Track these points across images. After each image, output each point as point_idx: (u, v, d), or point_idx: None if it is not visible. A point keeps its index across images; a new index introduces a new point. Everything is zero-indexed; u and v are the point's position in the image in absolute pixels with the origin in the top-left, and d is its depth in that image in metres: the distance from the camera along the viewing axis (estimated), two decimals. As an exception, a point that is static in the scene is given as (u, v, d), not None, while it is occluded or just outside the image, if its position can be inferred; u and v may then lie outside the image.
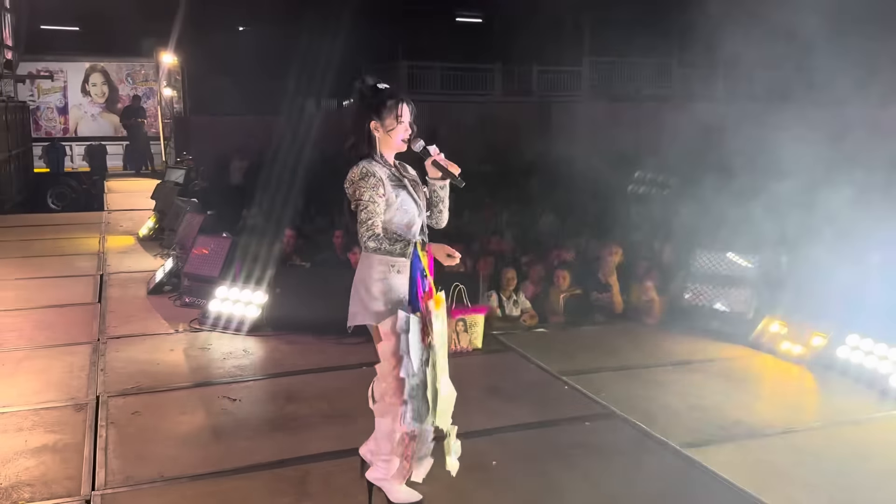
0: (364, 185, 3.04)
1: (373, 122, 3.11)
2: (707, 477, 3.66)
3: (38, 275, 7.74)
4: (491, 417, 4.34)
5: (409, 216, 3.12)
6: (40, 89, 19.06)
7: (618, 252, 7.01)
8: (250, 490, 3.51)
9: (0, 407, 4.37)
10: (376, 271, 3.09)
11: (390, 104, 3.10)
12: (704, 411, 4.77)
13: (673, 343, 6.20)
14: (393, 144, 3.14)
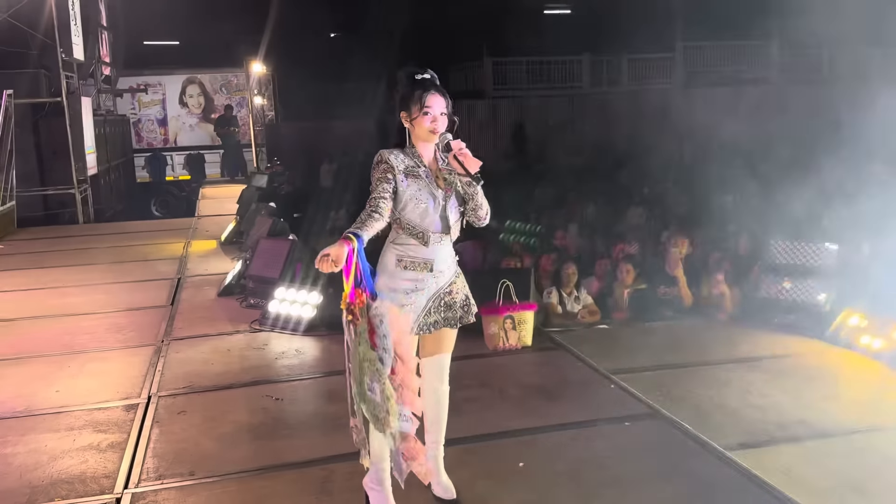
0: (375, 171, 3.09)
1: (403, 113, 3.12)
2: (745, 479, 3.43)
3: (121, 279, 8.10)
4: (527, 417, 4.22)
5: (421, 208, 3.09)
6: (141, 102, 20.09)
7: (683, 244, 6.71)
8: (273, 489, 3.53)
9: (57, 408, 4.57)
10: (387, 260, 3.14)
11: (417, 94, 3.08)
12: (765, 410, 4.50)
13: (742, 338, 5.88)
14: (422, 135, 3.12)
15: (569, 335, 5.86)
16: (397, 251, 3.13)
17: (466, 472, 3.58)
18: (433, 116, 3.08)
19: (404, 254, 3.12)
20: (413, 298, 3.13)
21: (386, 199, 3.03)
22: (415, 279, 3.13)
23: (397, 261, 3.12)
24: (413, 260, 3.13)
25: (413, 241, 3.11)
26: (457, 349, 5.37)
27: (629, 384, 4.69)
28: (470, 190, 3.18)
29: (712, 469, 3.57)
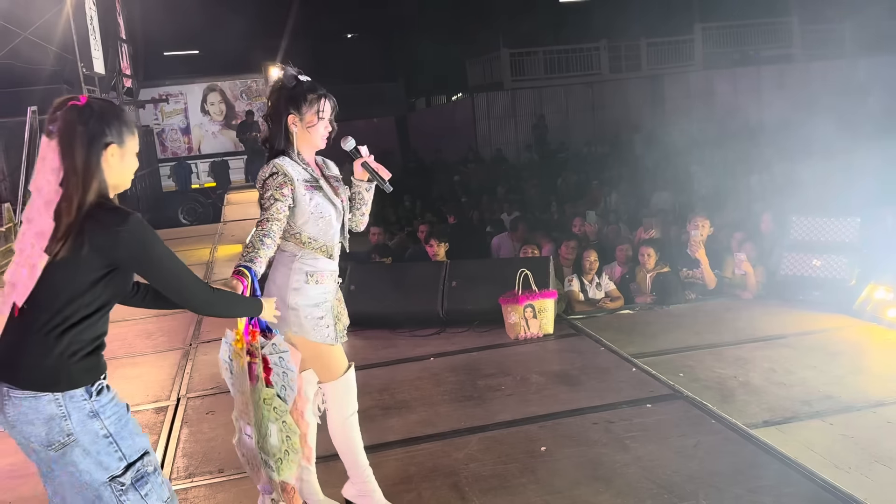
0: (271, 182, 2.82)
1: (291, 116, 2.88)
2: (769, 456, 3.42)
3: (150, 287, 8.24)
4: (548, 403, 4.25)
5: (324, 220, 2.92)
6: (163, 113, 20.35)
7: (704, 225, 6.69)
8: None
9: (91, 411, 4.68)
10: (293, 280, 2.91)
11: (311, 98, 2.88)
12: (789, 387, 4.49)
13: (767, 317, 5.86)
14: (312, 142, 2.93)
15: (591, 322, 5.87)
16: (306, 267, 2.92)
17: (490, 458, 3.62)
18: (326, 123, 2.93)
19: (314, 268, 2.93)
20: (324, 310, 2.97)
21: (280, 221, 2.81)
22: (324, 292, 2.97)
23: (307, 276, 2.92)
24: (322, 273, 2.96)
25: (318, 255, 2.93)
26: (479, 340, 5.48)
27: (652, 367, 4.69)
28: (367, 196, 3.10)
29: (735, 447, 3.57)
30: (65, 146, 2.07)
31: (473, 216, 11.86)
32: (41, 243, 2.06)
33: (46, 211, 2.06)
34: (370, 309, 5.85)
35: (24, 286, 2.07)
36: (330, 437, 3.18)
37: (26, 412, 2.07)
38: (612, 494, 3.21)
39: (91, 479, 2.12)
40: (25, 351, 2.08)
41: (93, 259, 2.06)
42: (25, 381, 2.07)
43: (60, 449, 2.09)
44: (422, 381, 4.76)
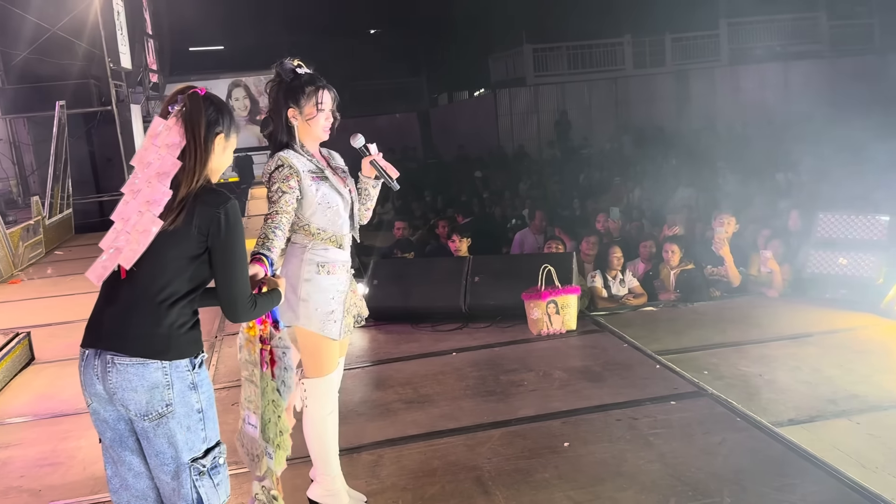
0: (277, 175, 2.85)
1: (291, 110, 2.90)
2: (794, 454, 3.40)
3: (175, 280, 8.32)
4: (571, 399, 4.25)
5: (332, 211, 2.93)
6: (189, 108, 20.49)
7: (730, 222, 6.63)
8: (325, 475, 3.61)
9: (118, 402, 4.74)
10: (304, 271, 2.93)
11: (309, 90, 2.88)
12: (815, 386, 4.45)
13: (793, 315, 5.81)
14: (314, 134, 2.93)
15: (614, 318, 5.85)
16: (317, 258, 2.94)
17: (512, 453, 3.62)
18: (327, 114, 2.92)
19: (325, 259, 2.95)
20: (336, 304, 2.98)
21: (289, 213, 2.82)
22: (336, 283, 2.98)
23: (318, 267, 2.93)
24: (333, 264, 2.96)
25: (329, 245, 2.95)
26: (501, 335, 5.49)
27: (676, 364, 4.67)
28: (374, 192, 3.12)
29: (760, 444, 3.54)
30: (189, 124, 2.24)
31: (496, 212, 11.85)
32: (154, 210, 2.18)
33: (160, 181, 2.20)
34: (393, 303, 5.87)
35: (132, 250, 2.17)
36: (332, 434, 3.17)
37: (131, 379, 2.16)
38: (636, 491, 3.21)
39: (176, 455, 2.22)
40: (137, 320, 2.18)
41: (197, 235, 2.20)
42: (135, 349, 2.16)
43: (157, 419, 2.18)
44: (444, 375, 4.77)
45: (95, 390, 2.22)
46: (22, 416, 4.69)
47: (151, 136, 2.26)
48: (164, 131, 2.25)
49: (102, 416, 2.25)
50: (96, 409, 2.25)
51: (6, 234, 9.11)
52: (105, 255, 2.21)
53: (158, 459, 2.23)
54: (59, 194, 11.75)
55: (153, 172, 2.22)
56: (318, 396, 3.06)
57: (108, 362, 2.18)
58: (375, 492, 3.37)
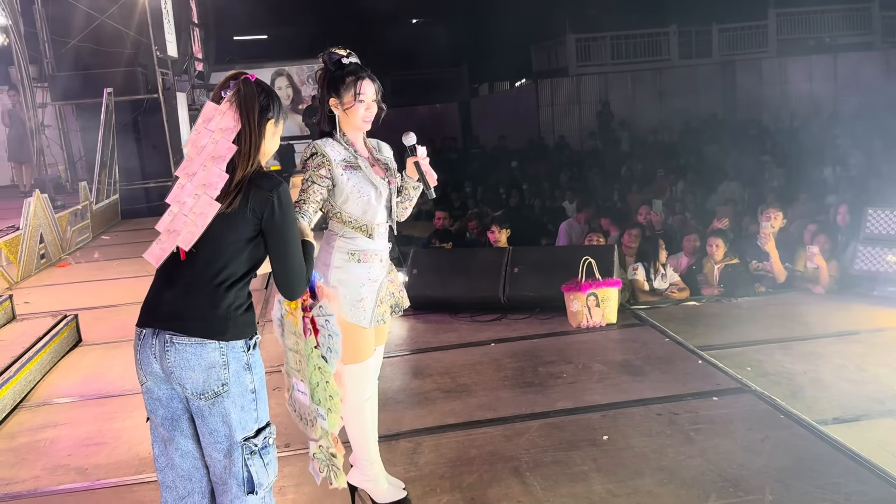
0: (310, 164, 2.90)
1: (332, 99, 2.93)
2: (838, 453, 3.34)
3: (218, 266, 8.44)
4: (611, 392, 4.22)
5: (363, 200, 2.94)
6: (233, 97, 20.70)
7: (776, 216, 6.52)
8: (363, 461, 3.64)
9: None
10: (335, 258, 2.97)
11: (349, 80, 2.90)
12: (861, 384, 4.37)
13: (839, 312, 5.70)
14: (354, 124, 2.95)
15: (655, 312, 5.79)
16: (349, 245, 2.98)
17: (551, 445, 3.61)
18: (367, 105, 2.93)
19: (356, 247, 2.98)
20: (367, 291, 3.00)
21: (316, 202, 2.89)
22: (368, 271, 3.01)
23: (349, 255, 2.97)
24: (365, 252, 2.99)
25: (358, 234, 2.98)
26: (540, 327, 5.47)
27: (718, 360, 4.61)
28: (414, 193, 3.10)
29: (803, 442, 3.49)
30: (244, 109, 2.29)
31: (535, 204, 11.79)
32: (211, 192, 2.24)
33: (215, 164, 2.25)
34: (432, 293, 5.88)
35: (190, 232, 2.23)
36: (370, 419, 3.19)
37: (189, 358, 2.23)
38: (676, 486, 3.18)
39: (229, 434, 2.28)
40: (196, 302, 2.25)
41: (252, 218, 2.27)
42: (194, 329, 2.24)
43: (212, 398, 2.25)
44: (482, 365, 4.77)
45: (152, 369, 2.28)
46: (69, 397, 4.81)
47: (205, 120, 2.31)
48: (218, 116, 2.29)
49: (156, 395, 2.31)
50: (150, 387, 2.31)
51: (55, 219, 9.32)
52: (163, 237, 2.26)
53: (212, 437, 2.28)
54: (105, 180, 11.97)
55: (208, 156, 2.26)
56: (355, 382, 3.09)
57: (167, 342, 2.24)
58: (413, 479, 3.39)
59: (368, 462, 3.18)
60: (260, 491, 2.32)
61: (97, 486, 3.61)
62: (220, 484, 2.32)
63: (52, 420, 4.43)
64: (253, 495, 2.31)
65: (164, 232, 2.26)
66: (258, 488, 2.31)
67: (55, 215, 9.35)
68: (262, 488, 2.33)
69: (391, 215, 3.09)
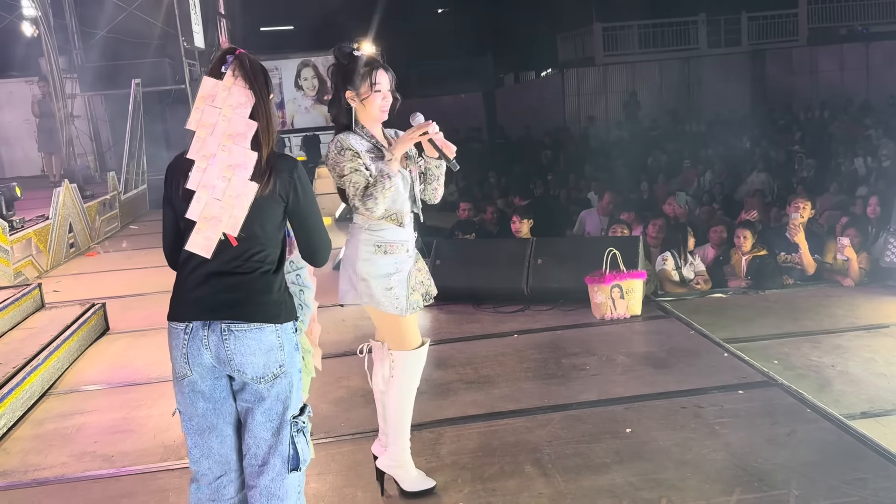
0: (342, 159, 2.88)
1: (348, 92, 2.92)
2: (865, 447, 3.28)
3: (243, 256, 8.50)
4: (634, 384, 4.18)
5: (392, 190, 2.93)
6: (259, 87, 20.79)
7: (805, 207, 6.41)
8: (385, 451, 3.65)
9: (187, 373, 4.88)
10: (362, 251, 2.98)
11: (363, 71, 2.90)
12: (890, 378, 4.31)
13: (869, 305, 5.62)
14: (372, 115, 2.95)
15: (680, 304, 5.74)
16: (374, 237, 2.97)
17: (573, 437, 3.59)
18: (383, 94, 2.92)
19: (383, 239, 2.98)
20: (396, 282, 3.01)
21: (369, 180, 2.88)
22: (395, 262, 3.01)
23: (376, 247, 2.97)
24: (391, 243, 2.99)
25: (388, 224, 2.98)
26: (563, 318, 5.44)
27: (744, 353, 4.55)
28: (438, 172, 3.08)
29: (830, 436, 3.43)
30: (254, 82, 2.23)
31: (560, 194, 11.72)
32: (243, 173, 2.18)
33: (238, 143, 2.20)
34: (455, 283, 5.85)
35: (233, 217, 2.19)
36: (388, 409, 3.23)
37: (250, 344, 2.23)
38: (700, 480, 3.14)
39: (282, 412, 2.29)
40: (250, 288, 2.25)
41: (280, 201, 2.27)
42: (254, 315, 2.24)
43: (271, 381, 2.26)
44: (505, 357, 4.76)
45: (202, 360, 2.25)
46: (96, 384, 4.87)
47: (207, 97, 2.23)
48: (223, 92, 2.21)
49: (199, 388, 2.28)
50: (194, 380, 2.28)
51: (84, 208, 9.44)
52: (202, 226, 2.20)
53: (265, 417, 2.28)
54: (134, 170, 12.10)
55: (223, 135, 2.20)
56: (404, 369, 3.15)
57: (224, 331, 2.23)
58: (435, 469, 3.39)
59: (400, 449, 3.20)
60: (302, 467, 2.34)
61: (123, 472, 3.65)
62: (261, 465, 2.31)
63: (79, 407, 4.49)
64: (295, 472, 2.32)
65: (201, 220, 2.20)
66: (302, 464, 2.33)
67: (84, 205, 9.48)
68: (304, 464, 2.34)
69: (416, 203, 3.09)
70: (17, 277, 7.22)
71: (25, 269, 7.55)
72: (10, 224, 7.39)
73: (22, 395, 4.40)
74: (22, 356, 4.78)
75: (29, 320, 5.71)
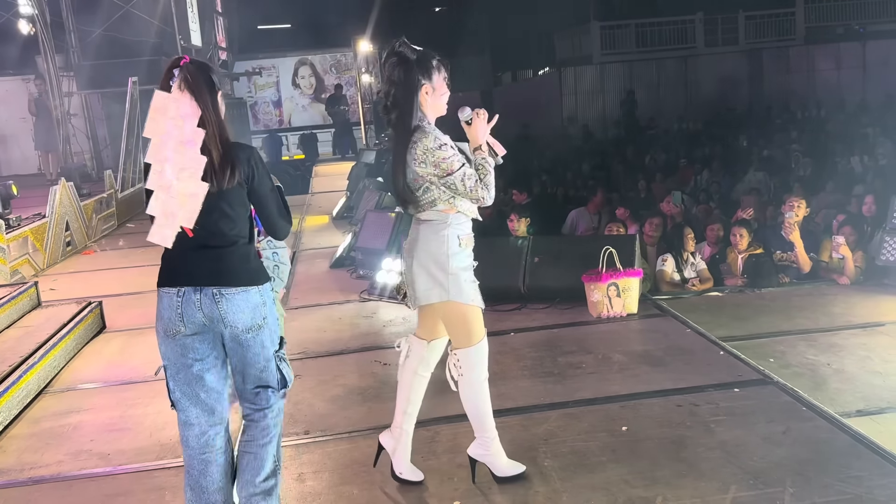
0: (445, 153, 2.89)
1: (425, 86, 2.91)
2: (861, 446, 3.29)
3: (241, 254, 8.50)
4: (630, 382, 4.19)
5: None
6: (256, 85, 20.79)
7: (800, 206, 6.43)
8: (382, 449, 3.66)
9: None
10: (449, 246, 2.99)
11: (437, 64, 2.92)
12: (886, 377, 4.32)
13: (864, 303, 5.63)
14: (439, 108, 2.98)
15: (677, 303, 5.74)
16: (457, 231, 3.01)
17: (569, 435, 3.60)
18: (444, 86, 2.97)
19: (462, 232, 3.02)
20: (472, 276, 3.09)
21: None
22: (471, 255, 3.08)
23: (459, 240, 3.01)
24: (468, 237, 3.05)
25: (464, 218, 3.02)
26: (560, 317, 5.44)
27: (740, 351, 4.56)
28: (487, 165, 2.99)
29: (826, 435, 3.44)
30: (197, 95, 2.54)
31: (558, 193, 11.72)
32: (194, 175, 2.53)
33: (188, 148, 2.53)
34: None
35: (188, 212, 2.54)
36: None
37: (239, 304, 2.66)
38: (695, 477, 3.15)
39: (266, 352, 2.75)
40: (232, 260, 2.68)
41: (244, 185, 2.64)
42: (239, 280, 2.67)
43: (256, 331, 2.71)
44: (502, 355, 4.75)
45: (195, 319, 2.65)
46: (93, 383, 4.87)
47: (159, 109, 2.54)
48: (172, 104, 2.53)
49: (190, 344, 2.68)
50: (186, 336, 2.67)
51: (80, 207, 9.43)
52: (162, 220, 2.56)
53: (253, 359, 2.74)
54: (131, 168, 12.08)
55: (176, 141, 2.52)
56: (472, 365, 3.17)
57: (216, 294, 2.63)
58: (432, 467, 3.40)
59: (489, 439, 3.22)
60: (289, 385, 2.83)
61: (119, 471, 3.66)
62: (256, 393, 2.78)
63: (75, 406, 4.49)
64: (285, 389, 2.83)
65: (160, 216, 2.56)
66: (289, 383, 2.83)
67: (81, 203, 9.47)
68: (290, 383, 2.84)
69: None
70: (14, 275, 7.22)
71: (22, 267, 7.55)
72: (6, 222, 7.39)
73: (18, 393, 4.40)
74: (18, 354, 4.78)
75: (25, 318, 5.72)
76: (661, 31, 21.69)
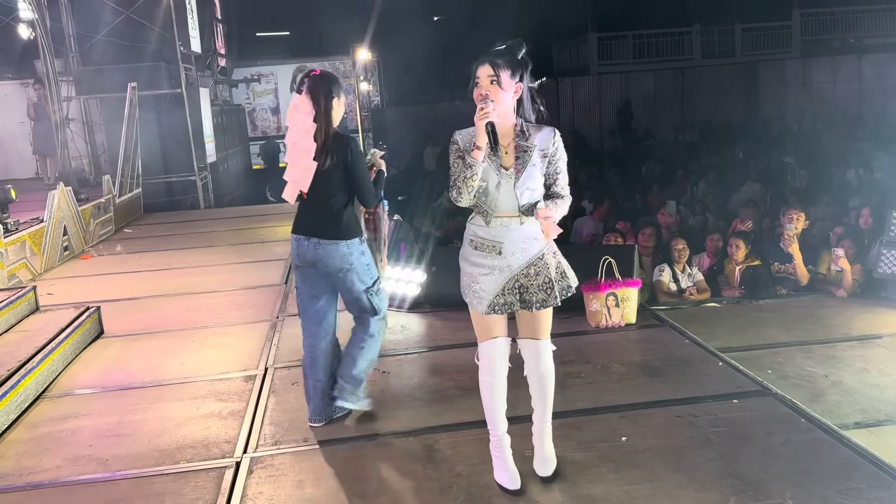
0: (449, 151, 3.18)
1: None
2: (859, 458, 3.30)
3: (239, 260, 8.50)
4: (629, 393, 4.20)
5: (483, 186, 3.04)
6: (255, 92, 20.83)
7: (799, 218, 6.46)
8: (381, 456, 3.66)
9: (182, 378, 4.87)
10: (465, 240, 3.19)
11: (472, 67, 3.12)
12: (884, 389, 4.34)
13: (862, 315, 5.66)
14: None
15: (675, 313, 5.76)
16: (470, 229, 3.16)
17: (568, 446, 3.60)
18: (481, 86, 3.04)
19: (475, 234, 3.13)
20: (483, 281, 3.11)
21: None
22: (483, 259, 3.10)
23: (470, 240, 3.15)
24: (482, 241, 3.10)
25: (479, 219, 3.11)
26: (558, 326, 5.41)
27: (739, 362, 4.57)
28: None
29: (824, 447, 3.45)
30: (314, 99, 3.59)
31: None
32: (308, 156, 3.59)
33: (307, 135, 3.60)
34: (450, 290, 5.81)
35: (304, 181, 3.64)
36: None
37: (331, 252, 3.69)
38: (695, 488, 3.16)
39: (357, 289, 3.79)
40: (329, 218, 3.68)
41: (341, 165, 3.63)
42: (331, 234, 3.67)
43: (346, 273, 3.73)
44: (501, 364, 4.75)
45: (307, 258, 3.72)
46: (91, 388, 4.86)
47: (294, 106, 3.64)
48: (301, 103, 3.61)
49: (307, 274, 3.79)
50: (304, 268, 3.78)
51: (78, 211, 9.42)
52: (290, 185, 3.68)
53: (349, 290, 3.80)
54: (129, 174, 12.07)
55: (301, 130, 3.62)
56: (480, 358, 3.34)
57: (316, 244, 3.68)
58: (431, 476, 3.40)
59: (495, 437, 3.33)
60: (381, 314, 3.90)
61: (117, 476, 3.64)
62: (356, 315, 3.92)
63: (73, 411, 4.48)
64: (377, 316, 3.90)
65: (290, 181, 3.68)
66: (380, 312, 3.90)
67: (79, 208, 9.45)
68: (382, 312, 3.91)
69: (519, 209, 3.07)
70: (12, 280, 7.20)
71: (19, 271, 7.53)
72: (4, 226, 7.37)
73: (16, 398, 4.39)
74: (16, 359, 4.77)
75: (23, 323, 5.70)
76: (658, 42, 21.81)
